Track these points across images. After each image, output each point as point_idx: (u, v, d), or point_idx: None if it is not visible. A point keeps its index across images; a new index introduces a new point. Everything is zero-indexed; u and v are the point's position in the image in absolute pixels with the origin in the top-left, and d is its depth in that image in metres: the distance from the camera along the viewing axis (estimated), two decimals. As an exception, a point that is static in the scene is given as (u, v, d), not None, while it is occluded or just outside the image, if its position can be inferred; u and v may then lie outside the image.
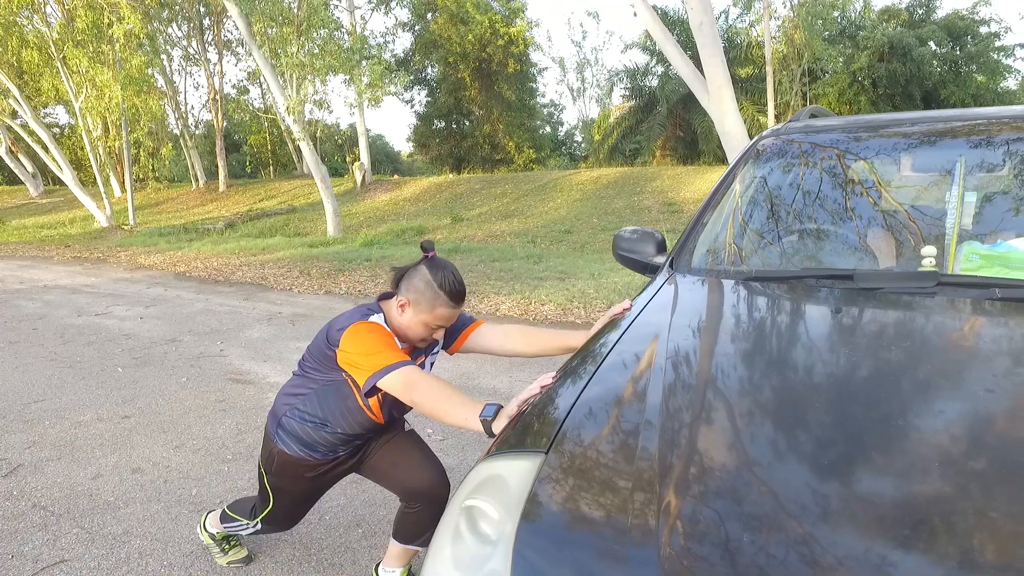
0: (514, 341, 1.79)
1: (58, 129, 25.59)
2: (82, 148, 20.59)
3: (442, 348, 1.84)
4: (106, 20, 13.09)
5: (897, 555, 0.76)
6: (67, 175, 15.68)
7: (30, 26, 14.51)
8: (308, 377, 1.75)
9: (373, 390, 1.54)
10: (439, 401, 1.45)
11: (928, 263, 1.67)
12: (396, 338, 1.65)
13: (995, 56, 17.92)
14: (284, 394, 1.80)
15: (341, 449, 1.81)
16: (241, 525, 2.02)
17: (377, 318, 1.65)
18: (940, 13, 18.60)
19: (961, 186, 1.79)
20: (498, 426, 1.33)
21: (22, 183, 23.99)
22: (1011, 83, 19.43)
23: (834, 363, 1.22)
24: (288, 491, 1.87)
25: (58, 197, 21.82)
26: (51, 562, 2.25)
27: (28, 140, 17.50)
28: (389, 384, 1.50)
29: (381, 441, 1.90)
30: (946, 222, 1.74)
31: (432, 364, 1.86)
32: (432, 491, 1.82)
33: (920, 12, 18.69)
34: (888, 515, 0.81)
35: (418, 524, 1.85)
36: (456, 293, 1.62)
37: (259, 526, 1.98)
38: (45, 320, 6.18)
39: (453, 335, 1.83)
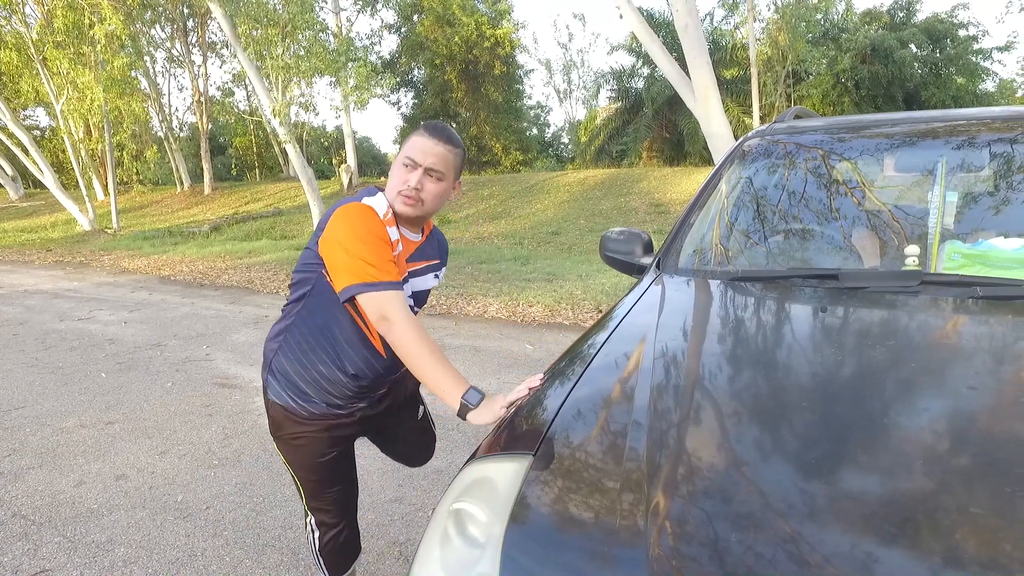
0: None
1: (38, 131, 25.24)
2: (63, 151, 20.32)
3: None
4: (87, 21, 12.93)
5: (883, 552, 0.76)
6: (48, 178, 15.45)
7: (8, 26, 14.31)
8: (293, 292, 1.51)
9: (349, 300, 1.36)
10: (419, 353, 1.31)
11: (911, 262, 1.69)
12: (396, 226, 1.46)
13: (974, 59, 18.20)
14: (271, 331, 1.59)
15: (338, 395, 1.52)
16: (308, 528, 1.76)
17: (377, 199, 1.43)
18: (920, 16, 18.86)
19: (943, 186, 1.82)
20: (476, 417, 1.28)
21: (1, 186, 23.61)
22: (989, 85, 19.75)
23: (820, 362, 1.23)
24: (302, 464, 1.61)
25: (39, 200, 21.51)
26: (32, 572, 2.21)
27: (7, 143, 17.23)
28: (366, 303, 1.33)
29: (403, 425, 1.80)
30: (928, 222, 1.76)
31: (438, 278, 1.67)
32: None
33: (901, 15, 18.93)
34: (874, 512, 0.81)
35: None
36: (430, 125, 1.43)
37: (313, 521, 1.72)
38: (26, 325, 6.08)
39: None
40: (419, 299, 1.62)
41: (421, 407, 1.87)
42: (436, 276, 1.64)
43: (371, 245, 1.35)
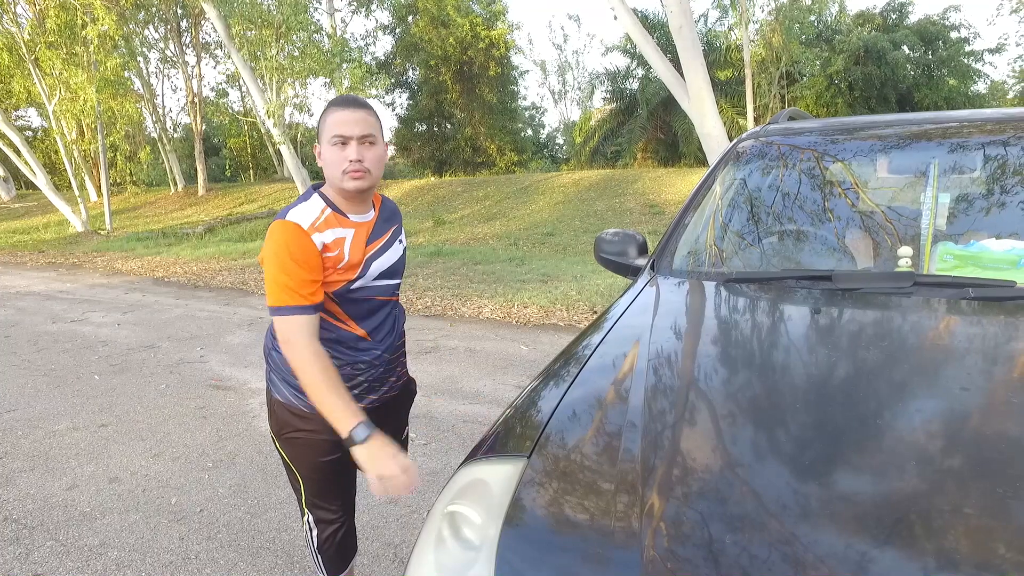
0: None
1: (31, 132, 25.08)
2: (56, 151, 20.19)
3: None
4: (79, 21, 12.85)
5: (877, 553, 0.76)
6: (40, 179, 15.36)
7: None
8: None
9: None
10: (316, 379, 1.36)
11: (904, 263, 1.70)
12: (341, 217, 1.46)
13: (965, 61, 18.32)
14: (268, 331, 1.61)
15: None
16: (305, 526, 1.74)
17: (308, 206, 1.44)
18: (912, 18, 18.97)
19: (935, 187, 1.83)
20: (359, 454, 1.33)
21: (-7, 187, 23.45)
22: (981, 87, 19.88)
23: (814, 363, 1.23)
24: (306, 463, 1.63)
25: (31, 202, 21.38)
26: (24, 576, 2.20)
27: (-1, 144, 17.11)
28: (276, 324, 1.41)
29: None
30: (921, 223, 1.77)
31: (403, 249, 1.66)
32: None
33: (893, 17, 19.04)
34: (868, 513, 0.82)
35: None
36: (340, 99, 1.42)
37: (311, 519, 1.71)
38: (18, 327, 6.04)
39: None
40: (396, 270, 1.61)
41: (406, 428, 1.89)
42: (400, 241, 1.64)
43: (288, 270, 1.38)
